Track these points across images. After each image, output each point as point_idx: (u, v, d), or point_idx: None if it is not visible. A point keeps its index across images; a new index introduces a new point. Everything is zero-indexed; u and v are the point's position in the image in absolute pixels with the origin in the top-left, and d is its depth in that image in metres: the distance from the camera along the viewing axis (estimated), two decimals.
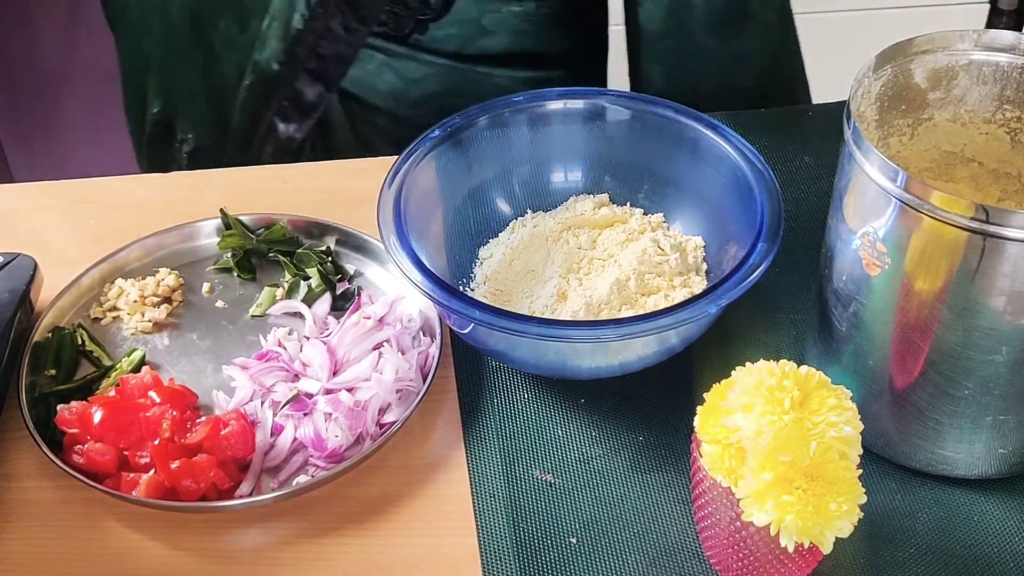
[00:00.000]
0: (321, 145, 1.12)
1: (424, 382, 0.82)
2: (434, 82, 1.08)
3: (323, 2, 1.00)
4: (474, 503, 0.78)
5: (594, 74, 1.19)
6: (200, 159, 1.15)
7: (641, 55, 1.08)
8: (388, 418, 0.81)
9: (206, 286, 0.93)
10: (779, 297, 0.91)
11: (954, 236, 0.66)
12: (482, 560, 0.74)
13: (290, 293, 0.91)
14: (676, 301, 0.85)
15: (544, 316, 0.86)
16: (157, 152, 1.16)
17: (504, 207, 0.95)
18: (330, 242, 0.95)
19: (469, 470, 0.80)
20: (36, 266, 0.90)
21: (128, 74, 1.17)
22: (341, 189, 1.02)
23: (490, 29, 1.06)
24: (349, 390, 0.82)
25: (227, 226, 0.94)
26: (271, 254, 0.94)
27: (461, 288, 0.90)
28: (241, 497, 0.77)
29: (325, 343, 0.85)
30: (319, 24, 1.01)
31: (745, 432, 0.65)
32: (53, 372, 0.85)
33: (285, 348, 0.86)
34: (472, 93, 1.06)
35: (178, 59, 1.10)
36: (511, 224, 0.95)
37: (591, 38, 1.18)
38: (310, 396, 0.82)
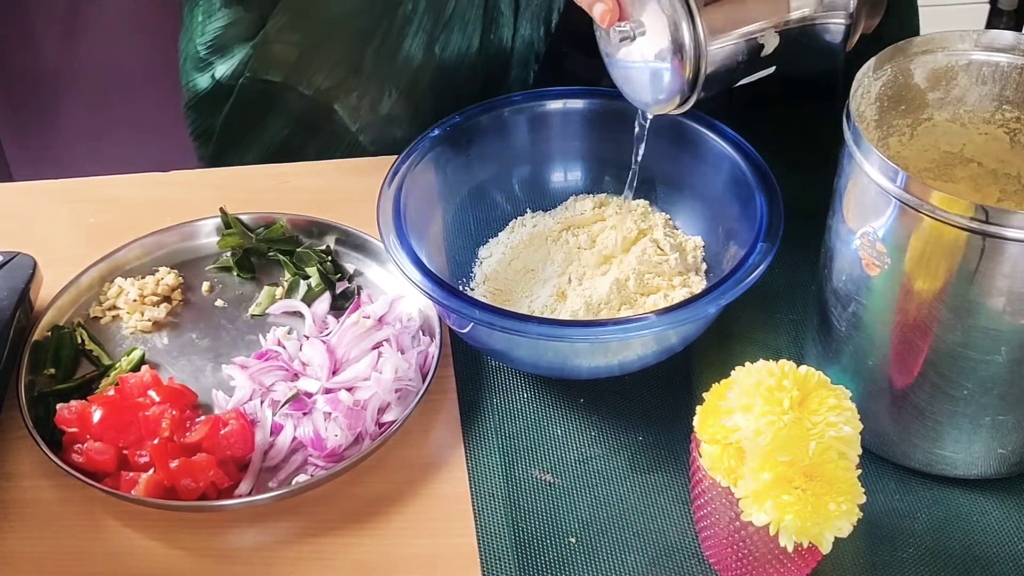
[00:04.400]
0: None
1: (423, 381, 0.82)
2: None
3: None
4: (473, 503, 0.78)
5: None
6: None
7: None
8: (387, 417, 0.81)
9: (205, 285, 0.93)
10: (778, 297, 0.91)
11: (953, 236, 0.66)
12: (481, 560, 0.74)
13: (290, 292, 0.91)
14: (675, 301, 0.85)
15: (544, 316, 0.86)
16: None
17: (504, 206, 0.95)
18: (330, 241, 0.95)
19: (468, 470, 0.80)
20: (36, 265, 0.90)
21: None
22: (341, 188, 1.01)
23: None
24: (348, 389, 0.82)
25: (227, 225, 0.94)
26: (271, 253, 0.94)
27: (461, 287, 0.90)
28: (240, 496, 0.77)
29: (324, 342, 0.85)
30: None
31: (744, 432, 0.65)
32: (52, 371, 0.85)
33: (284, 347, 0.86)
34: None
35: None
36: (511, 223, 0.94)
37: None
38: (309, 395, 0.82)
